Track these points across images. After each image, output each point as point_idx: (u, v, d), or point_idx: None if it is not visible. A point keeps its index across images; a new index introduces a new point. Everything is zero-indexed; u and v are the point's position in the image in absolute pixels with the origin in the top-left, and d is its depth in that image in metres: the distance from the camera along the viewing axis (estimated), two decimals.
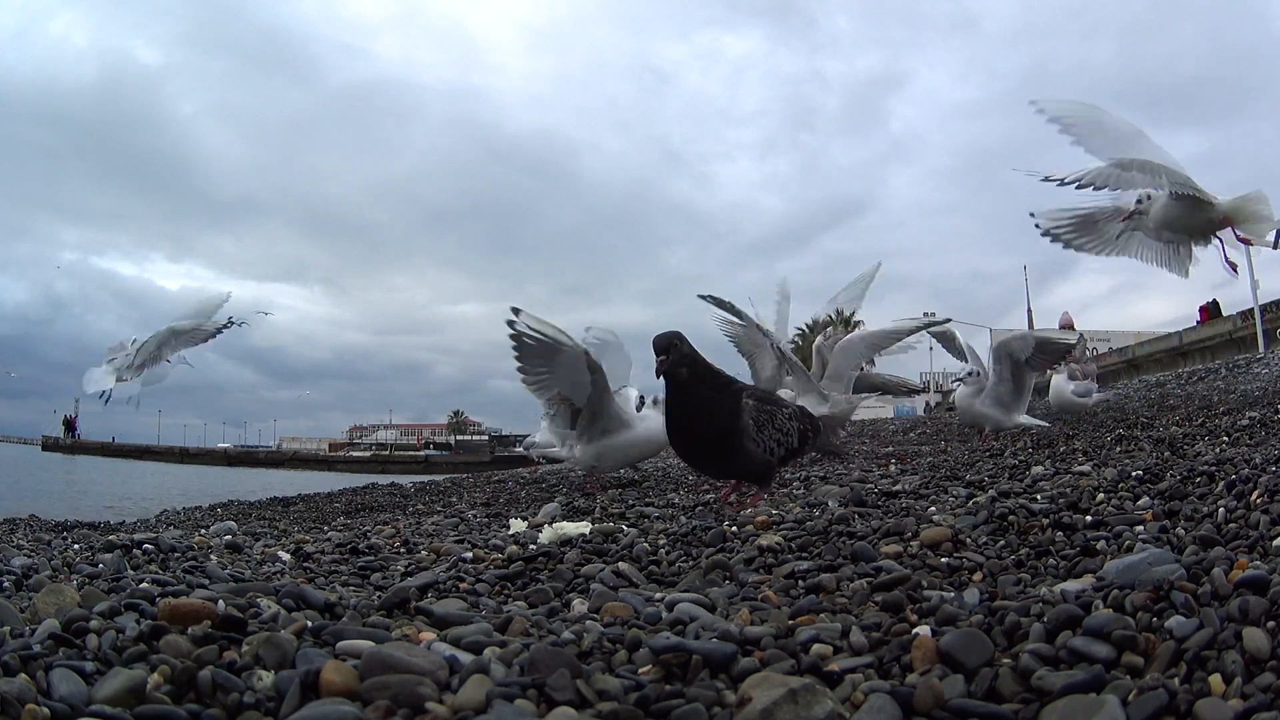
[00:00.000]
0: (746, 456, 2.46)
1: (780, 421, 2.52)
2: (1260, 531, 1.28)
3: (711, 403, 2.42)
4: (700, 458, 2.58)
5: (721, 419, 2.42)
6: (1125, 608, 0.96)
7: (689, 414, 2.43)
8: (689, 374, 2.36)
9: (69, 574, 1.66)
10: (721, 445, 2.45)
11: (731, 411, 2.42)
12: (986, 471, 2.82)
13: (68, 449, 33.83)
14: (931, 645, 0.92)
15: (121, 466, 22.02)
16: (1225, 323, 14.72)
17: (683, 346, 2.36)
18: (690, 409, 2.42)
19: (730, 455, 2.46)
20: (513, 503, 3.98)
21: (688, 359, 2.36)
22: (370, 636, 1.03)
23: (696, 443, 2.49)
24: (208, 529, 3.12)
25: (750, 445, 2.44)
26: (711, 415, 2.42)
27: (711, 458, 2.54)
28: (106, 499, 8.82)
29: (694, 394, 2.39)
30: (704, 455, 2.55)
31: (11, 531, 3.45)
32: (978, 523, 1.66)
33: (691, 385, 2.38)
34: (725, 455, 2.48)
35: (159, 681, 0.86)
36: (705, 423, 2.43)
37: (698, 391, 2.39)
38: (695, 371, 2.39)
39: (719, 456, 2.51)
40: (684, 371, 2.35)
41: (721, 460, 2.53)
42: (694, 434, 2.46)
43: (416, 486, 6.18)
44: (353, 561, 1.97)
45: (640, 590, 1.45)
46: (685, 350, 2.36)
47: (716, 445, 2.46)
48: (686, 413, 2.43)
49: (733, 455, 2.46)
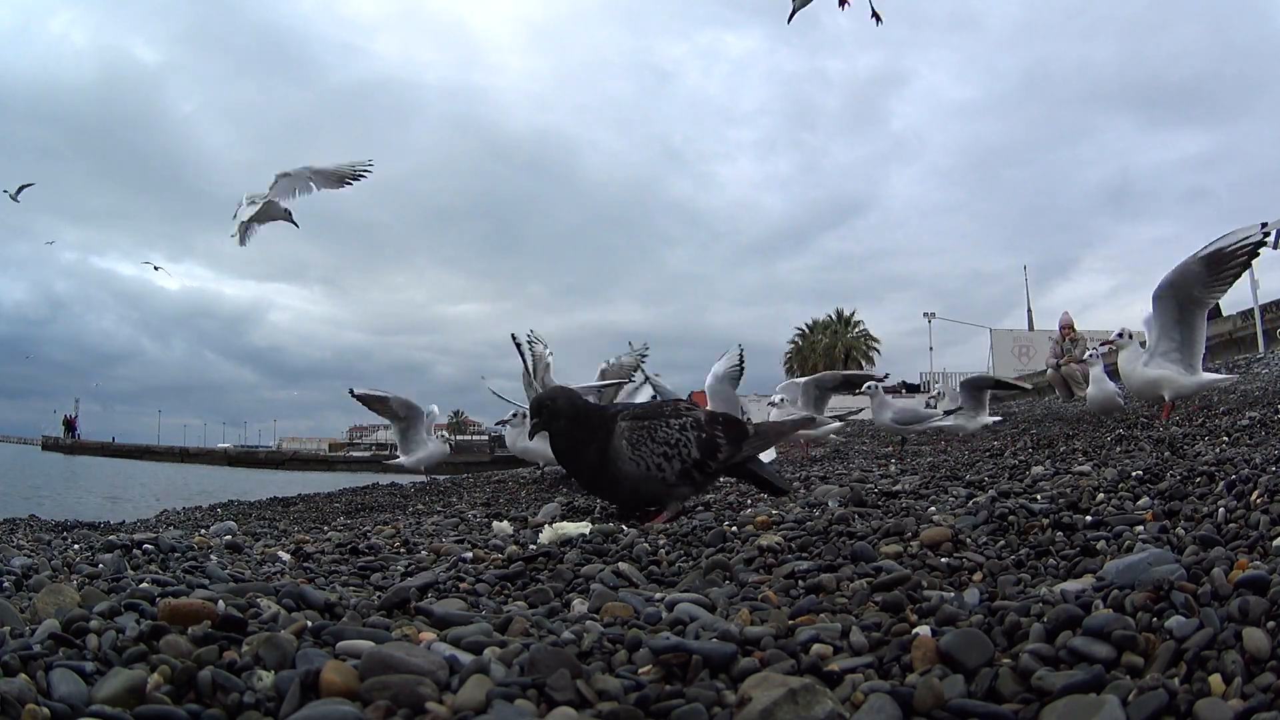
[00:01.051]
0: (630, 479, 2.47)
1: (663, 434, 2.44)
2: (1260, 531, 1.28)
3: (583, 441, 2.54)
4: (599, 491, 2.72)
5: (592, 454, 2.52)
6: (1125, 608, 0.96)
7: (570, 458, 2.64)
8: (565, 424, 2.56)
9: (69, 574, 1.66)
10: (603, 476, 2.53)
11: (601, 443, 2.49)
12: (986, 471, 2.82)
13: (68, 449, 33.84)
14: (931, 645, 0.92)
15: (122, 466, 22.02)
16: (1225, 323, 14.72)
17: (555, 406, 2.57)
18: (570, 453, 2.61)
19: (615, 483, 2.52)
20: (513, 503, 3.98)
21: (562, 414, 2.56)
22: (370, 636, 1.03)
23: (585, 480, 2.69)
24: (208, 529, 3.12)
25: (628, 467, 2.45)
26: (584, 452, 2.55)
27: (605, 490, 2.64)
28: (106, 499, 8.83)
29: (570, 439, 2.57)
30: (599, 489, 2.68)
31: (11, 531, 3.45)
32: (978, 523, 1.66)
33: (566, 433, 2.57)
34: (612, 484, 2.54)
35: (159, 681, 0.86)
36: (582, 461, 2.57)
37: (571, 435, 2.56)
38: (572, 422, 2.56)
39: (609, 488, 2.59)
40: (561, 424, 2.56)
41: (613, 490, 2.59)
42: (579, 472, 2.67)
43: (416, 486, 6.18)
44: (353, 561, 1.97)
45: (640, 590, 1.45)
46: (558, 408, 2.57)
47: (599, 477, 2.56)
48: (568, 458, 2.64)
49: (616, 483, 2.51)
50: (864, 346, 44.90)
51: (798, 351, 44.26)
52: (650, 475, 2.42)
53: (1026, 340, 21.71)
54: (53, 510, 5.47)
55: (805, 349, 44.42)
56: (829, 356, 42.11)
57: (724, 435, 2.51)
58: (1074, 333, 9.36)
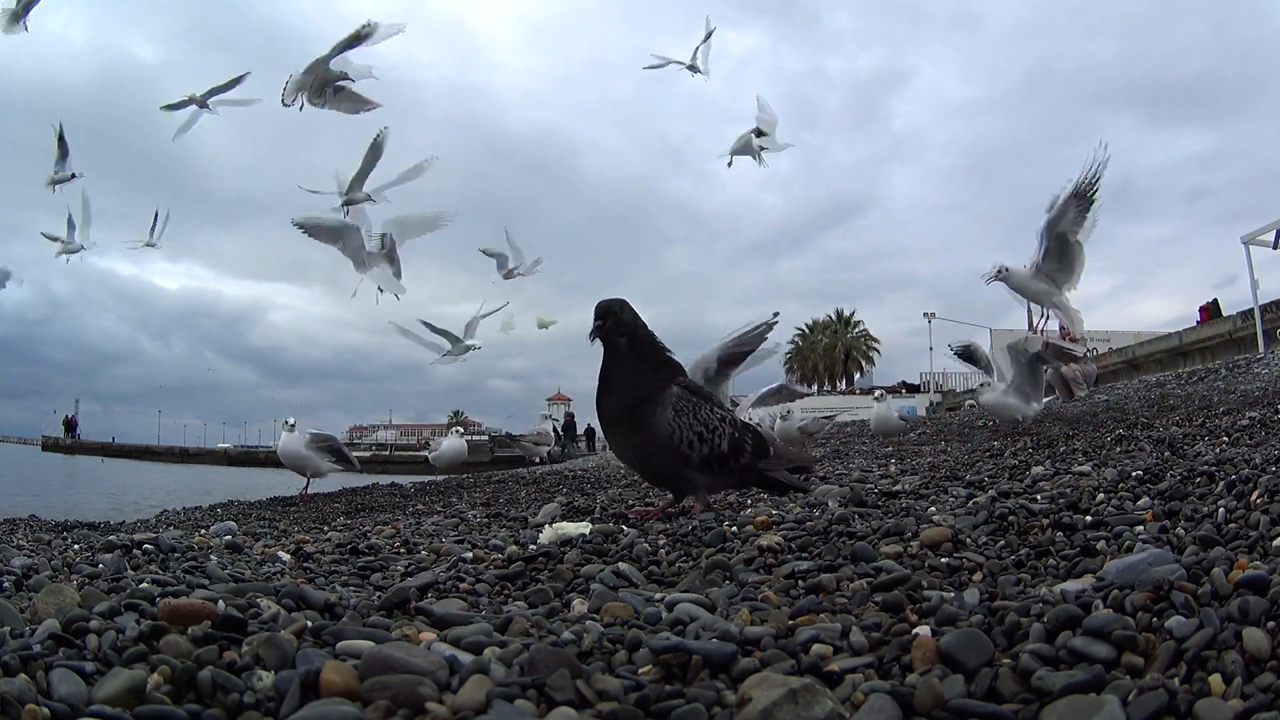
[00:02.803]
0: (657, 443, 2.32)
1: (705, 415, 2.36)
2: (1260, 531, 1.28)
3: (637, 373, 2.35)
4: (613, 428, 2.47)
5: (639, 390, 2.34)
6: (1125, 608, 0.96)
7: (612, 381, 2.38)
8: (627, 344, 2.33)
9: (69, 574, 1.66)
10: (634, 417, 2.35)
11: (650, 388, 2.34)
12: (986, 471, 2.82)
13: (68, 449, 33.82)
14: (931, 645, 0.92)
15: (122, 467, 22.02)
16: (1225, 323, 14.73)
17: (623, 314, 2.31)
18: (614, 377, 2.37)
19: (638, 428, 2.35)
20: (513, 502, 3.98)
21: (627, 327, 2.32)
22: (370, 636, 1.03)
23: (611, 411, 2.41)
24: (208, 529, 3.12)
25: (662, 430, 2.31)
26: (631, 386, 2.35)
27: (623, 430, 2.43)
28: (106, 498, 8.82)
29: (623, 364, 2.35)
30: (616, 426, 2.44)
31: (11, 531, 3.45)
32: (978, 523, 1.66)
33: (625, 356, 2.34)
34: (635, 428, 2.36)
35: (159, 681, 0.86)
36: (624, 391, 2.36)
37: (628, 362, 2.35)
38: (634, 343, 2.34)
39: (630, 430, 2.39)
40: (623, 341, 2.32)
41: (631, 434, 2.40)
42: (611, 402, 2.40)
43: (416, 486, 6.18)
44: (353, 561, 1.97)
45: (640, 590, 1.45)
46: (625, 319, 2.32)
47: (629, 417, 2.37)
48: (610, 380, 2.38)
49: (640, 429, 2.34)
50: (864, 346, 44.92)
51: (798, 351, 44.27)
52: (677, 447, 2.33)
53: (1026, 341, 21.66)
54: (53, 510, 5.47)
55: (805, 349, 44.43)
56: (829, 356, 42.11)
57: (751, 444, 2.49)
58: (1074, 332, 9.36)
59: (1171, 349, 15.51)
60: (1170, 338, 16.26)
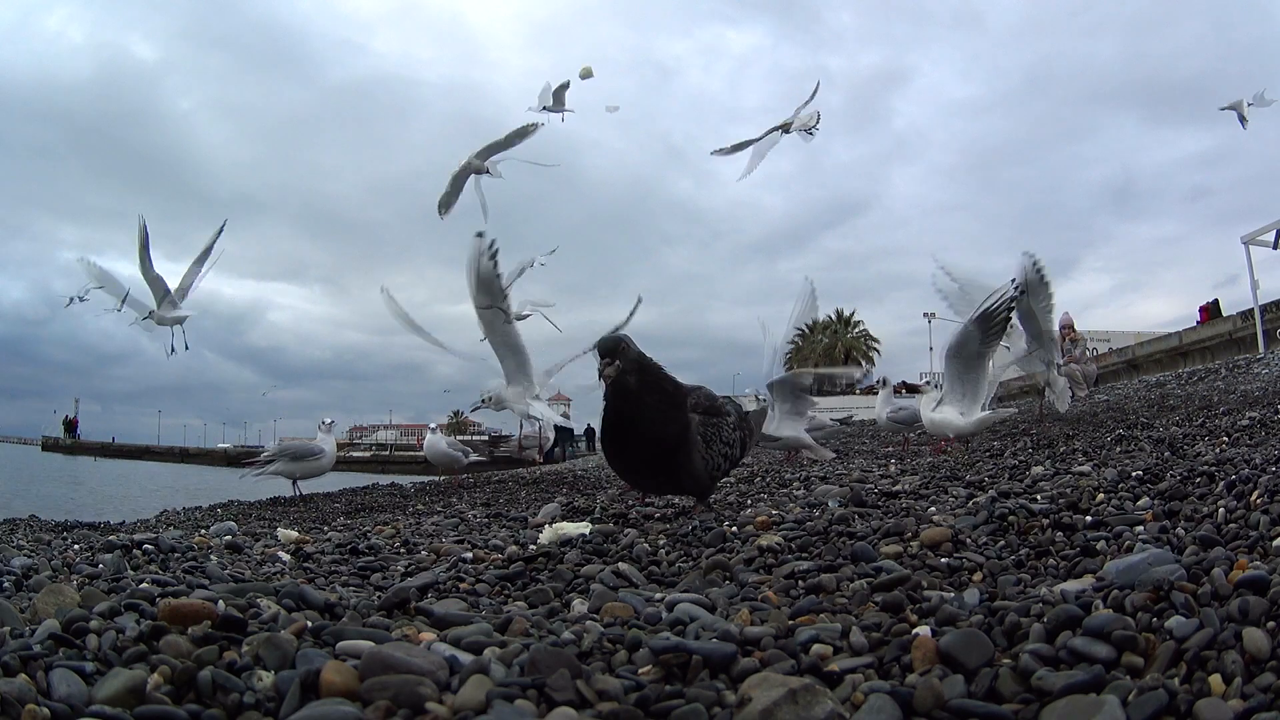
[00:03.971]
0: (692, 475, 2.27)
1: (726, 434, 2.34)
2: (1260, 531, 1.28)
3: (658, 415, 2.20)
4: (639, 474, 2.36)
5: (669, 434, 2.20)
6: (1125, 608, 0.96)
7: (630, 427, 2.20)
8: (637, 382, 2.17)
9: (69, 574, 1.66)
10: (667, 462, 2.23)
11: (681, 426, 2.22)
12: (986, 471, 2.82)
13: (68, 449, 33.82)
14: (931, 645, 0.92)
15: (121, 467, 22.02)
16: (1225, 323, 14.74)
17: (629, 352, 2.16)
18: (632, 421, 2.19)
19: (675, 473, 2.26)
20: (513, 502, 3.98)
21: (634, 363, 2.17)
22: (370, 637, 1.03)
23: (637, 459, 2.27)
24: (208, 529, 3.12)
25: (698, 465, 2.26)
26: (655, 429, 2.20)
27: (653, 474, 2.32)
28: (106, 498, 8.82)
29: (639, 404, 2.18)
30: (644, 471, 2.32)
31: (11, 531, 3.45)
32: (978, 523, 1.66)
33: (638, 394, 2.17)
34: (669, 472, 2.27)
35: (159, 682, 0.86)
36: (648, 438, 2.20)
37: (642, 401, 2.18)
38: (644, 380, 2.19)
39: (662, 474, 2.29)
40: (632, 380, 2.16)
41: (664, 477, 2.32)
42: (635, 449, 2.24)
43: (416, 486, 6.18)
44: (353, 562, 1.97)
45: (640, 590, 1.45)
46: (632, 354, 2.17)
47: (660, 462, 2.24)
48: (626, 425, 2.20)
49: (677, 473, 2.26)
50: (864, 346, 44.94)
51: (797, 351, 44.26)
52: (709, 472, 2.32)
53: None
54: (53, 510, 5.46)
55: (805, 349, 44.43)
56: (829, 356, 42.14)
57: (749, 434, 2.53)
58: (1074, 333, 9.36)
59: (1171, 349, 15.52)
60: (1170, 338, 16.28)
